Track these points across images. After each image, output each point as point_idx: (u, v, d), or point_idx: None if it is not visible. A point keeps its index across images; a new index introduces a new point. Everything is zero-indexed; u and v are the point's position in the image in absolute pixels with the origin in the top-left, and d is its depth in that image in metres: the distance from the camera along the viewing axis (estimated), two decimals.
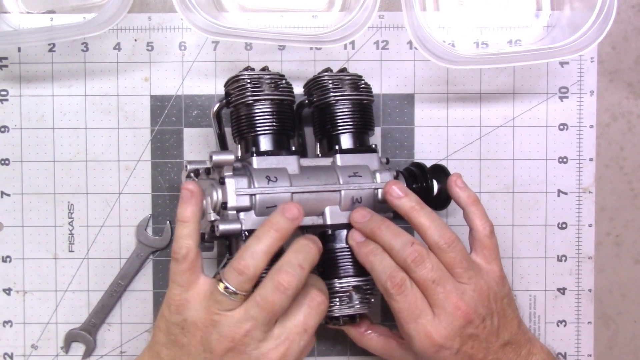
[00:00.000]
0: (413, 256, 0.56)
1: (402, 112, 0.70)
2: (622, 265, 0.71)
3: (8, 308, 0.70)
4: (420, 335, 0.56)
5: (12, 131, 0.70)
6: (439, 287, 0.56)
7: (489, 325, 0.57)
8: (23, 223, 0.70)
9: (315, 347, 0.70)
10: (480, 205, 0.61)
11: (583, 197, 0.71)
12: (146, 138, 0.70)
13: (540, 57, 0.63)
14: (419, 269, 0.56)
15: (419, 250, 0.57)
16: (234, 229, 0.58)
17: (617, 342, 0.71)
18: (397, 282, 0.56)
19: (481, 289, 0.58)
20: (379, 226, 0.59)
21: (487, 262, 0.60)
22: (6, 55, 0.69)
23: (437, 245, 0.57)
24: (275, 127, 0.62)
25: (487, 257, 0.60)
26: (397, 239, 0.58)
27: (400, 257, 0.57)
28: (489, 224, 0.61)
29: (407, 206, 0.59)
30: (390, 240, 0.58)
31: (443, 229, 0.58)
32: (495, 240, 0.61)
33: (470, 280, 0.57)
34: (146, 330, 0.70)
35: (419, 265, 0.56)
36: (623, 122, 0.71)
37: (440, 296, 0.56)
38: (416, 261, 0.56)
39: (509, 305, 0.60)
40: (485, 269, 0.60)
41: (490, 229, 0.61)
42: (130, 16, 0.69)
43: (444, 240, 0.57)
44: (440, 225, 0.58)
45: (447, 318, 0.56)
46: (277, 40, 0.63)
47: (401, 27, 0.70)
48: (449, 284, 0.57)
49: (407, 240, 0.57)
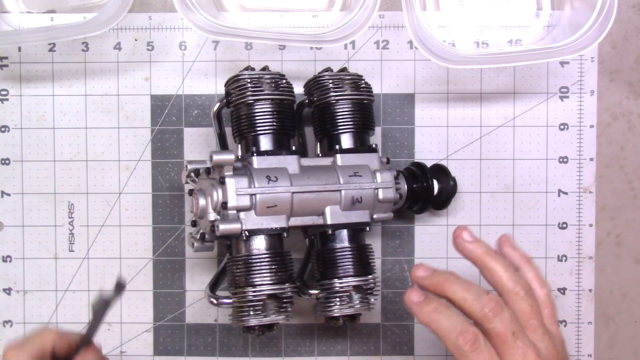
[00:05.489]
0: (491, 305, 0.51)
1: (402, 112, 0.70)
2: (622, 265, 0.71)
3: (8, 308, 0.70)
4: None
5: (12, 131, 0.70)
6: (519, 340, 0.50)
7: None
8: (23, 223, 0.70)
9: (316, 347, 0.71)
10: (534, 265, 0.57)
11: (583, 197, 0.71)
12: (146, 138, 0.70)
13: (541, 56, 0.63)
14: (498, 320, 0.50)
15: (497, 300, 0.51)
16: (234, 228, 0.58)
17: (618, 342, 0.71)
18: (470, 338, 0.50)
19: (552, 349, 0.52)
20: (447, 278, 0.53)
21: (549, 323, 0.55)
22: (6, 55, 0.69)
23: (513, 292, 0.53)
24: (276, 126, 0.62)
25: (549, 317, 0.55)
26: (469, 289, 0.52)
27: (477, 307, 0.51)
28: (547, 284, 0.56)
29: (481, 251, 0.54)
30: (462, 292, 0.52)
31: (519, 277, 0.53)
32: (554, 302, 0.56)
33: (543, 337, 0.52)
34: (146, 330, 0.70)
35: (498, 315, 0.51)
36: (623, 122, 0.71)
37: (519, 351, 0.50)
38: (495, 311, 0.50)
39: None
40: (550, 329, 0.54)
41: (548, 289, 0.56)
42: (130, 16, 0.69)
43: (521, 286, 0.53)
44: (515, 272, 0.54)
45: None
46: (277, 40, 0.63)
47: (401, 26, 0.70)
48: (526, 338, 0.51)
49: (480, 290, 0.52)
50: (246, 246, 0.60)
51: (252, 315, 0.59)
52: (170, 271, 0.70)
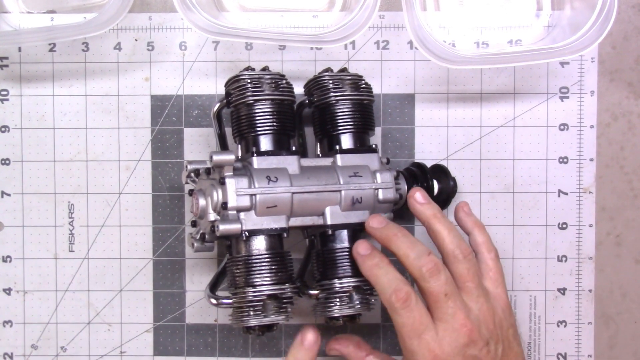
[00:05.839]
0: (429, 266, 0.55)
1: (402, 112, 0.70)
2: (622, 265, 0.71)
3: (8, 308, 0.70)
4: (424, 351, 0.54)
5: (12, 131, 0.70)
6: (450, 301, 0.54)
7: (492, 352, 0.55)
8: (23, 223, 0.70)
9: None
10: (486, 231, 0.61)
11: (583, 197, 0.71)
12: (146, 138, 0.70)
13: (541, 57, 0.63)
14: (434, 280, 0.55)
15: (435, 261, 0.55)
16: (234, 229, 0.58)
17: (618, 343, 0.71)
18: (402, 296, 0.54)
19: (487, 311, 0.56)
20: (395, 233, 0.57)
21: (493, 285, 0.59)
22: (7, 55, 0.69)
23: (452, 254, 0.57)
24: (276, 127, 0.62)
25: (494, 280, 0.59)
26: (413, 247, 0.56)
27: (416, 265, 0.55)
28: (494, 248, 0.61)
29: (429, 213, 0.58)
30: (406, 249, 0.56)
31: (460, 240, 0.57)
32: (500, 266, 0.60)
33: (478, 299, 0.56)
34: (146, 330, 0.70)
35: (434, 276, 0.55)
36: (623, 122, 0.71)
37: (450, 310, 0.54)
38: (431, 271, 0.55)
39: (515, 338, 0.58)
40: (492, 292, 0.58)
41: (495, 253, 0.60)
42: (130, 16, 0.69)
43: (461, 250, 0.57)
44: (458, 236, 0.58)
45: (452, 334, 0.54)
46: (277, 40, 0.63)
47: (402, 27, 0.70)
48: (458, 299, 0.55)
49: (423, 250, 0.56)
50: (246, 246, 0.60)
51: (252, 316, 0.59)
52: (170, 271, 0.70)
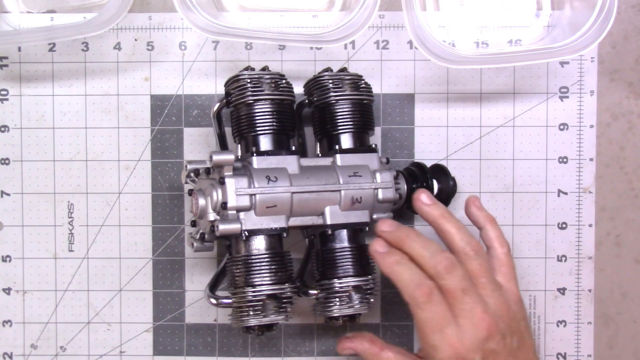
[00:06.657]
0: (444, 263, 0.55)
1: (402, 112, 0.70)
2: (622, 265, 0.71)
3: (8, 308, 0.70)
4: (445, 346, 0.54)
5: (12, 131, 0.70)
6: (467, 296, 0.55)
7: (509, 344, 0.56)
8: (23, 223, 0.70)
9: (315, 347, 0.71)
10: (498, 226, 0.62)
11: (583, 197, 0.71)
12: (146, 138, 0.70)
13: (541, 57, 0.63)
14: (450, 277, 0.55)
15: (450, 258, 0.56)
16: (234, 228, 0.58)
17: (617, 342, 0.71)
18: (425, 290, 0.55)
19: (502, 305, 0.57)
20: (407, 234, 0.57)
21: (505, 280, 0.60)
22: (6, 54, 0.69)
23: (463, 252, 0.57)
24: (275, 127, 0.62)
25: (506, 275, 0.60)
26: (427, 246, 0.56)
27: (431, 264, 0.55)
28: (507, 243, 0.61)
29: (436, 213, 0.59)
30: (420, 248, 0.56)
31: (470, 237, 0.58)
32: (512, 260, 0.61)
33: (493, 294, 0.57)
34: (145, 330, 0.70)
35: (450, 273, 0.55)
36: (623, 122, 0.71)
37: (467, 306, 0.55)
38: (448, 268, 0.55)
39: (527, 330, 0.59)
40: (505, 286, 0.59)
41: (507, 248, 0.61)
42: (130, 16, 0.69)
43: (471, 247, 0.57)
44: (467, 233, 0.58)
45: (472, 329, 0.55)
46: (277, 40, 0.63)
47: (401, 26, 0.70)
48: (475, 295, 0.56)
49: (437, 248, 0.56)
50: (246, 246, 0.60)
51: (251, 316, 0.59)
52: (169, 271, 0.70)
